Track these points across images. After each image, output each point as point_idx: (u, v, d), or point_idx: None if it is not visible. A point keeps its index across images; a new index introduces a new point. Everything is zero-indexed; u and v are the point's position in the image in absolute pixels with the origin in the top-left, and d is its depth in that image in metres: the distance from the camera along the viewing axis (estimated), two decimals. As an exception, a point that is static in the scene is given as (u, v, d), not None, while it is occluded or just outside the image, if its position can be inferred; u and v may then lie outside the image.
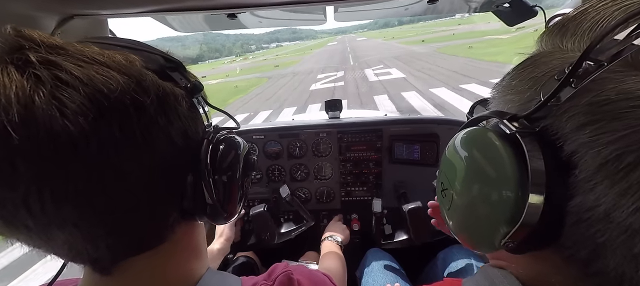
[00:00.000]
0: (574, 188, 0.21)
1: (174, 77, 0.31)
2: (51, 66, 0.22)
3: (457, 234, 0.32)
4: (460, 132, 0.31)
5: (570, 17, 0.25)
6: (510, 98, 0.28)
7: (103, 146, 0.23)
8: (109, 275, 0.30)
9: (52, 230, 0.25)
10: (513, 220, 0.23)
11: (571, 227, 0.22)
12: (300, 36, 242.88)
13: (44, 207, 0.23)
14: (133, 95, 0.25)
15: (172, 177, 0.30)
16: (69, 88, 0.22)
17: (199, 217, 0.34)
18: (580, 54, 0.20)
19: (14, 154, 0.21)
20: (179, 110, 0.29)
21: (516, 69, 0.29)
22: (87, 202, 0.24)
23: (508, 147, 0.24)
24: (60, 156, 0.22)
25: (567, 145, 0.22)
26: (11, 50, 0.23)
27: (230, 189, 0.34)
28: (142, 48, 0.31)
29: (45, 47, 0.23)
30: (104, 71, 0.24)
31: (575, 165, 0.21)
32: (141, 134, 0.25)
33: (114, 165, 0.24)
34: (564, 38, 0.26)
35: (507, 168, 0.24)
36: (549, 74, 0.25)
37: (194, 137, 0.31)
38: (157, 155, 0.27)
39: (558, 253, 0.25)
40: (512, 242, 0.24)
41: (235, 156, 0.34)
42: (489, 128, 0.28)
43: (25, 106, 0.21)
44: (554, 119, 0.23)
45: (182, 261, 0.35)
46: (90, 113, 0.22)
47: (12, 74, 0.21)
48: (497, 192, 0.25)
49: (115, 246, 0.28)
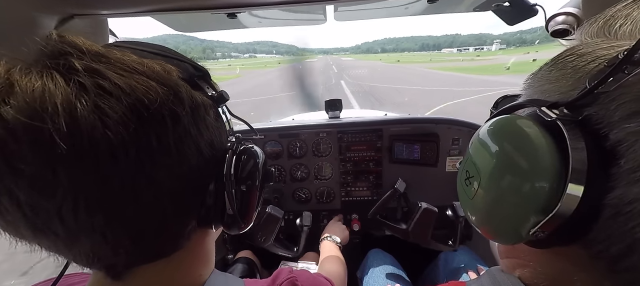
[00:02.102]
0: (616, 179, 0.21)
1: (202, 85, 0.31)
2: (95, 74, 0.22)
3: (479, 224, 0.30)
4: (491, 120, 0.30)
5: (619, 8, 0.25)
6: (547, 88, 0.27)
7: (140, 155, 0.23)
8: (119, 279, 0.30)
9: (79, 238, 0.25)
10: (546, 210, 0.23)
11: (607, 221, 0.21)
12: (279, 50, 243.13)
13: (77, 215, 0.23)
14: (171, 106, 0.25)
15: (196, 187, 0.30)
16: (112, 97, 0.22)
17: (215, 225, 0.34)
18: (634, 42, 0.20)
19: (57, 162, 0.21)
20: (207, 121, 0.29)
21: (554, 60, 0.28)
22: (118, 211, 0.24)
23: (547, 134, 0.23)
24: (99, 164, 0.22)
25: (613, 133, 0.21)
26: (54, 55, 0.23)
27: (249, 199, 0.34)
28: (172, 55, 0.31)
29: (89, 54, 0.23)
30: (144, 81, 0.24)
31: (621, 155, 0.20)
32: (175, 144, 0.25)
33: (148, 175, 0.24)
34: (612, 28, 0.25)
35: (545, 156, 0.23)
36: (595, 62, 0.23)
37: (219, 148, 0.32)
38: (186, 166, 0.27)
39: (586, 248, 0.24)
40: (542, 232, 0.23)
41: (255, 166, 0.35)
42: (523, 115, 0.27)
43: (71, 114, 0.21)
44: (600, 107, 0.22)
45: (192, 267, 0.35)
46: (131, 123, 0.22)
47: (57, 81, 0.21)
48: (531, 180, 0.24)
49: (134, 253, 0.28)
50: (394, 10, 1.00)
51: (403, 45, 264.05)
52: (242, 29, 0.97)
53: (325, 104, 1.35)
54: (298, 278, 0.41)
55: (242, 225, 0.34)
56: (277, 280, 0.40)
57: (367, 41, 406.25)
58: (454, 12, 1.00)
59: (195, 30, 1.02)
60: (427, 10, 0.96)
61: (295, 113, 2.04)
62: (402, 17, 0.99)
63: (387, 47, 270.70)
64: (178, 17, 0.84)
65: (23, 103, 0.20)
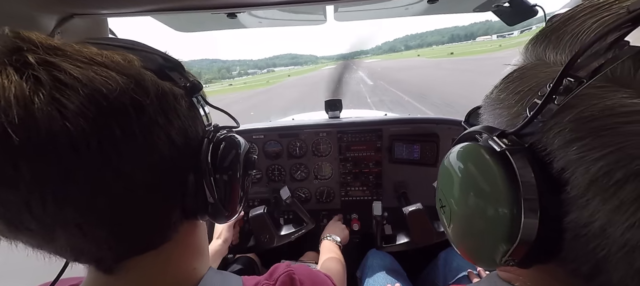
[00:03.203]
0: (568, 204, 0.21)
1: (173, 76, 0.31)
2: (50, 67, 0.22)
3: (460, 251, 0.31)
4: (454, 147, 0.31)
5: (552, 28, 0.25)
6: (498, 113, 0.28)
7: (103, 146, 0.23)
8: (112, 274, 0.30)
9: (54, 231, 0.25)
10: (511, 238, 0.23)
11: (570, 242, 0.22)
12: (299, 61, 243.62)
13: (46, 208, 0.23)
14: (132, 95, 0.25)
15: (173, 177, 0.30)
16: (68, 89, 0.22)
17: (201, 216, 0.34)
18: (561, 69, 0.20)
19: (16, 155, 0.21)
20: (178, 110, 0.29)
21: (504, 81, 0.28)
22: (88, 202, 0.24)
23: (499, 164, 0.24)
24: (60, 157, 0.22)
25: (556, 161, 0.21)
26: (9, 52, 0.23)
27: (231, 188, 0.34)
28: (140, 48, 0.31)
29: (43, 48, 0.23)
30: (102, 71, 0.24)
31: (567, 182, 0.21)
32: (141, 134, 0.25)
33: (115, 166, 0.24)
34: (547, 49, 0.25)
35: (499, 186, 0.24)
36: (534, 90, 0.24)
37: (194, 137, 0.31)
38: (157, 155, 0.27)
39: (562, 266, 0.24)
40: (512, 260, 0.24)
41: (235, 155, 0.35)
42: (481, 143, 0.27)
43: (25, 107, 0.21)
44: (541, 135, 0.22)
45: (184, 260, 0.35)
46: (89, 113, 0.22)
47: (11, 76, 0.21)
48: (492, 210, 0.24)
49: (117, 246, 0.28)
50: (394, 11, 1.00)
51: (429, 39, 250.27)
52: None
53: (325, 104, 1.35)
54: (295, 271, 0.41)
55: (227, 214, 0.34)
56: (274, 274, 0.40)
57: (387, 41, 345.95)
58: (454, 13, 1.00)
59: (195, 30, 1.02)
60: (427, 11, 0.96)
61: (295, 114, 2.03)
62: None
63: (410, 44, 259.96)
64: (178, 17, 0.84)
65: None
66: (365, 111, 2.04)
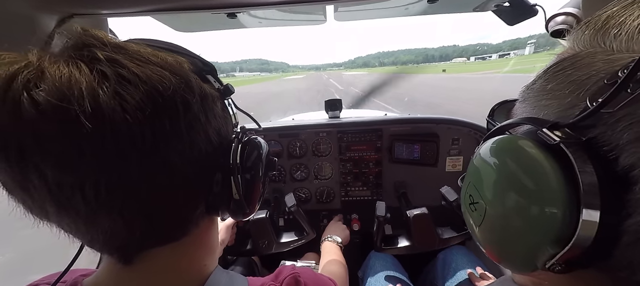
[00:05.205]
0: (632, 205, 0.19)
1: (209, 79, 0.34)
2: (115, 64, 0.25)
3: (490, 252, 0.29)
4: (489, 140, 0.28)
5: (611, 15, 0.23)
6: (546, 104, 0.25)
7: (155, 139, 0.25)
8: (129, 263, 0.31)
9: (98, 216, 0.26)
10: (561, 241, 0.21)
11: (627, 247, 0.20)
12: (268, 68, 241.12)
13: (98, 193, 0.25)
14: (182, 94, 0.27)
15: (205, 172, 0.32)
16: (130, 85, 0.24)
17: (222, 212, 0.36)
18: (633, 55, 0.18)
19: (83, 142, 0.23)
20: (215, 111, 0.32)
21: (551, 70, 0.26)
22: (134, 190, 0.26)
23: (552, 159, 0.22)
24: (120, 146, 0.24)
25: (623, 158, 0.19)
26: (79, 47, 0.25)
27: (253, 186, 0.36)
28: (183, 51, 0.34)
29: (110, 46, 0.26)
30: (158, 71, 0.26)
31: (635, 181, 0.18)
32: (186, 130, 0.28)
33: (163, 157, 0.26)
34: (606, 37, 0.23)
35: (550, 183, 0.21)
36: (594, 77, 0.22)
37: (225, 136, 0.34)
38: (197, 151, 0.29)
39: (607, 273, 0.22)
40: (559, 265, 0.22)
41: (258, 155, 0.37)
42: (522, 136, 0.25)
43: (94, 98, 0.23)
44: (605, 128, 0.20)
45: (198, 255, 0.37)
46: (147, 108, 0.24)
47: (82, 69, 0.24)
48: (541, 210, 0.22)
49: (146, 234, 0.30)
50: (394, 11, 1.00)
51: (402, 57, 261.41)
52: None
53: (325, 104, 1.35)
54: (301, 274, 0.42)
55: (247, 211, 0.36)
56: (279, 277, 0.41)
57: (360, 55, 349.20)
58: (454, 13, 1.00)
59: (195, 30, 1.02)
60: (427, 11, 0.96)
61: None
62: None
63: (385, 61, 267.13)
64: (178, 17, 0.84)
65: (53, 87, 0.22)
66: (365, 111, 2.03)
